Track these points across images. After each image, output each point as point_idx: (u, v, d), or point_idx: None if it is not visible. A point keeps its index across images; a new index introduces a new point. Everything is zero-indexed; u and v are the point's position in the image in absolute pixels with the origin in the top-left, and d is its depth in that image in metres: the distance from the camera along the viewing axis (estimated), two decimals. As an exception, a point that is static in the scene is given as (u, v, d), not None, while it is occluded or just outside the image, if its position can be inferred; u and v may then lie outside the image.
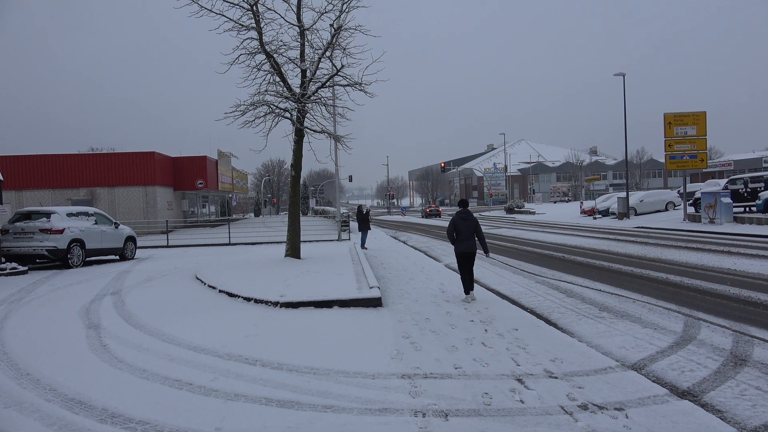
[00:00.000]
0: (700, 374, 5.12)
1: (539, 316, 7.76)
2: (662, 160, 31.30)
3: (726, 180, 28.94)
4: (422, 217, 59.27)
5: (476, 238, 9.21)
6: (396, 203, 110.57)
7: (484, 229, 27.89)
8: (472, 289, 9.22)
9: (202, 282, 11.17)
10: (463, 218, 9.19)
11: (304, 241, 17.01)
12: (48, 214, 15.36)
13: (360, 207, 21.55)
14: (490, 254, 11.43)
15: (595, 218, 35.06)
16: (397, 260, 15.63)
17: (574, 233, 23.87)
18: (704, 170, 34.47)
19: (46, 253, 14.87)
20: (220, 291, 9.94)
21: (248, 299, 9.02)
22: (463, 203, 9.57)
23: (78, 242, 15.62)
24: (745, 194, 25.80)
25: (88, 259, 16.41)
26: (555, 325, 7.20)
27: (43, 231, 14.89)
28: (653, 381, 4.92)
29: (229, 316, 7.98)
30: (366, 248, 19.47)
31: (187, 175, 37.35)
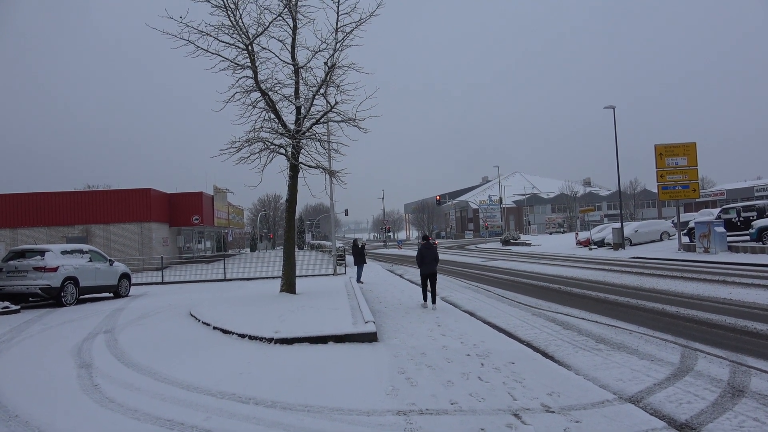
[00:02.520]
0: (698, 406, 5.08)
1: (536, 349, 7.72)
2: (655, 190, 31.64)
3: (719, 209, 29.18)
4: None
5: (436, 263, 12.33)
6: (392, 236, 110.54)
7: (478, 261, 30.58)
8: (434, 302, 12.25)
9: (197, 319, 11.08)
10: (427, 248, 12.42)
11: (300, 276, 16.92)
12: (42, 252, 15.27)
13: (355, 241, 21.56)
14: (487, 286, 14.91)
15: (590, 249, 35.12)
16: (393, 294, 15.55)
17: (570, 264, 23.87)
18: (697, 200, 34.80)
19: (39, 291, 14.70)
20: (215, 328, 9.85)
21: (243, 336, 8.92)
22: (425, 237, 13.04)
23: (72, 280, 15.49)
24: (738, 223, 25.98)
25: (82, 297, 16.20)
26: (552, 358, 7.16)
27: (37, 269, 14.75)
28: (651, 414, 4.88)
29: (223, 353, 7.90)
30: (362, 282, 19.38)
31: (183, 211, 37.31)
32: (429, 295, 12.49)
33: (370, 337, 8.47)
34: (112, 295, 17.84)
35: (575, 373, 6.34)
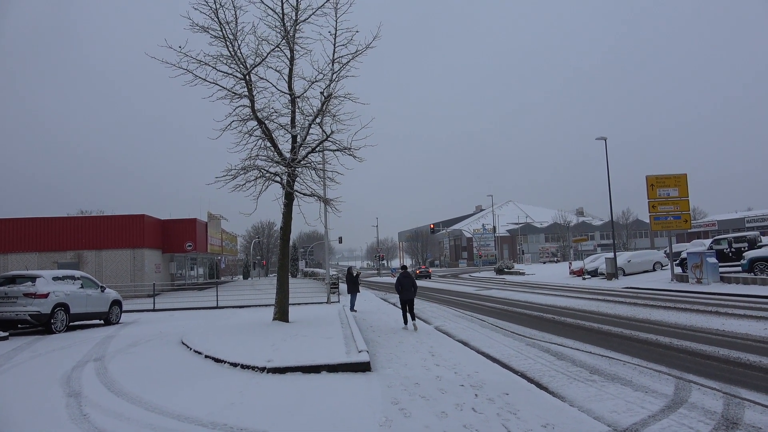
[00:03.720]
0: (692, 439, 5.06)
1: (530, 380, 7.66)
2: (647, 220, 31.95)
3: (711, 240, 29.37)
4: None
5: (413, 290, 14.05)
6: (386, 264, 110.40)
7: (472, 290, 31.08)
8: (414, 321, 13.91)
9: (188, 347, 10.97)
10: (405, 277, 14.13)
11: (293, 304, 16.86)
12: (33, 278, 15.13)
13: (350, 269, 21.51)
14: (481, 316, 15.96)
15: (584, 279, 35.17)
16: (387, 323, 15.48)
17: (563, 294, 23.86)
18: (689, 231, 35.07)
19: (28, 318, 14.50)
20: (206, 356, 9.74)
21: (234, 365, 8.82)
22: (404, 267, 15.00)
23: (62, 307, 15.31)
24: (730, 254, 26.14)
25: (72, 323, 16.02)
26: (546, 389, 7.10)
27: (27, 295, 14.58)
28: (645, 446, 4.86)
29: (215, 382, 7.81)
30: (356, 311, 19.28)
31: (176, 237, 37.22)
32: (409, 317, 14.07)
33: (363, 367, 8.40)
34: (102, 322, 17.63)
35: (570, 404, 6.30)
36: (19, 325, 14.99)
